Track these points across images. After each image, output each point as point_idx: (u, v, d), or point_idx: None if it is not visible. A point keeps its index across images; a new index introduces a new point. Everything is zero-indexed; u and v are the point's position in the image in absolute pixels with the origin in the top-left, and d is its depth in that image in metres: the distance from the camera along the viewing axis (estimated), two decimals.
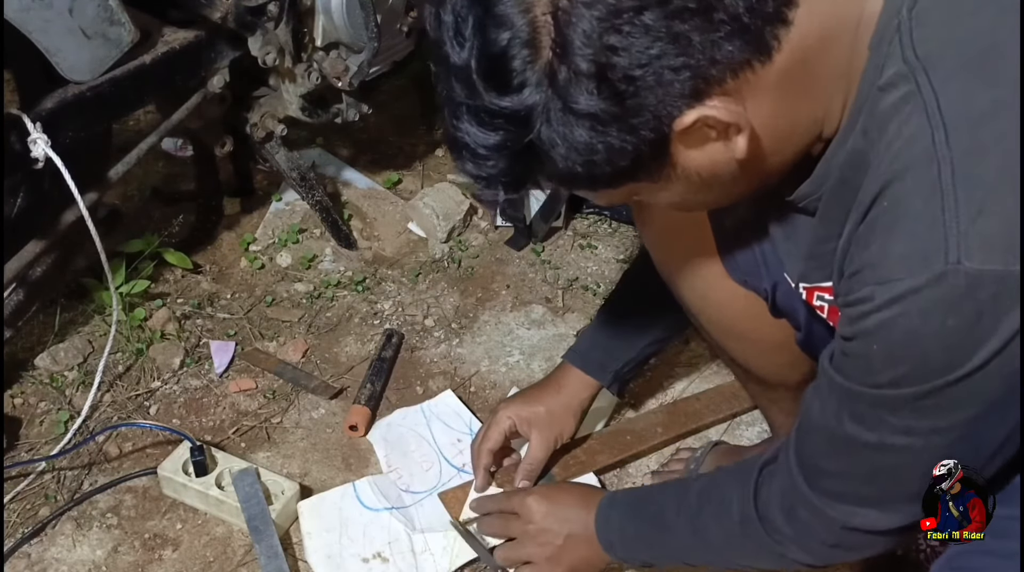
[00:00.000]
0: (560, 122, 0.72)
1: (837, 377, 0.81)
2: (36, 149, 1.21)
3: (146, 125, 1.92)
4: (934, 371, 0.73)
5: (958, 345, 0.71)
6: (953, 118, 0.69)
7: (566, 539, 1.18)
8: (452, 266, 1.80)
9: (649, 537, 1.10)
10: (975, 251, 0.67)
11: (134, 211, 1.87)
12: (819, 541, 0.92)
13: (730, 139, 0.75)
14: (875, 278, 0.73)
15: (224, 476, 1.32)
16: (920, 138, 0.70)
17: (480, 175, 0.78)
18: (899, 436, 0.79)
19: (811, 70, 0.75)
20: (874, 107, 0.74)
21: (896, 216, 0.72)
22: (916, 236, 0.70)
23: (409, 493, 1.35)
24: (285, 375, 1.55)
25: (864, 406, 0.80)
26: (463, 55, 0.72)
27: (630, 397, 1.53)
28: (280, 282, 1.74)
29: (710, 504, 1.03)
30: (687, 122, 0.72)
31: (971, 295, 0.68)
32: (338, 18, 1.55)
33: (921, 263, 0.69)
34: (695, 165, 0.77)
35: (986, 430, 0.77)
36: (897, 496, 0.85)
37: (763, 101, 0.75)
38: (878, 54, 0.74)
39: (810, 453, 0.89)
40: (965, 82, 0.71)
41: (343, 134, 2.05)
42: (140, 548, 1.29)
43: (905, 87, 0.72)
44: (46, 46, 1.24)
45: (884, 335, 0.73)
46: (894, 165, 0.72)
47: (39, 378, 1.51)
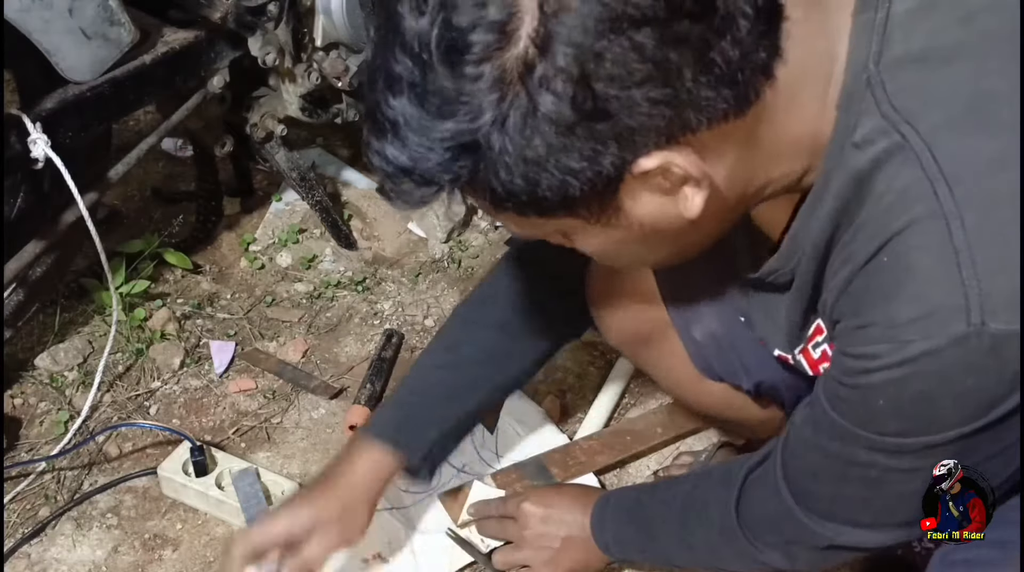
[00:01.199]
0: (518, 127, 0.63)
1: (832, 414, 0.78)
2: (36, 149, 1.21)
3: (146, 125, 1.92)
4: (947, 425, 0.71)
5: (976, 402, 0.69)
6: (953, 170, 0.65)
7: (563, 542, 1.18)
8: (452, 266, 1.80)
9: (640, 541, 1.11)
10: (1000, 311, 0.64)
11: (134, 211, 1.87)
12: (803, 549, 0.91)
13: (681, 195, 0.69)
14: (884, 337, 0.69)
15: (224, 476, 1.32)
16: (919, 192, 0.66)
17: (401, 164, 0.67)
18: (897, 474, 0.77)
19: (776, 132, 0.71)
20: (850, 166, 0.70)
21: (903, 274, 0.68)
22: (931, 297, 0.66)
23: (409, 493, 1.35)
24: (285, 375, 1.55)
25: (860, 447, 0.77)
26: (422, 23, 0.62)
27: (630, 397, 1.53)
28: (280, 282, 1.74)
29: (694, 509, 1.03)
30: (649, 165, 0.66)
31: (996, 355, 0.66)
32: (338, 18, 1.55)
33: (939, 325, 0.66)
34: (641, 213, 0.71)
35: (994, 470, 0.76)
36: (891, 521, 0.83)
37: (724, 159, 0.70)
38: (847, 114, 0.70)
39: (798, 473, 0.87)
40: (958, 132, 0.67)
41: (343, 134, 2.05)
42: (140, 548, 1.29)
43: (886, 141, 0.67)
44: (46, 46, 1.24)
45: (893, 392, 0.71)
46: (892, 220, 0.67)
47: (39, 378, 1.51)
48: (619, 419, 1.50)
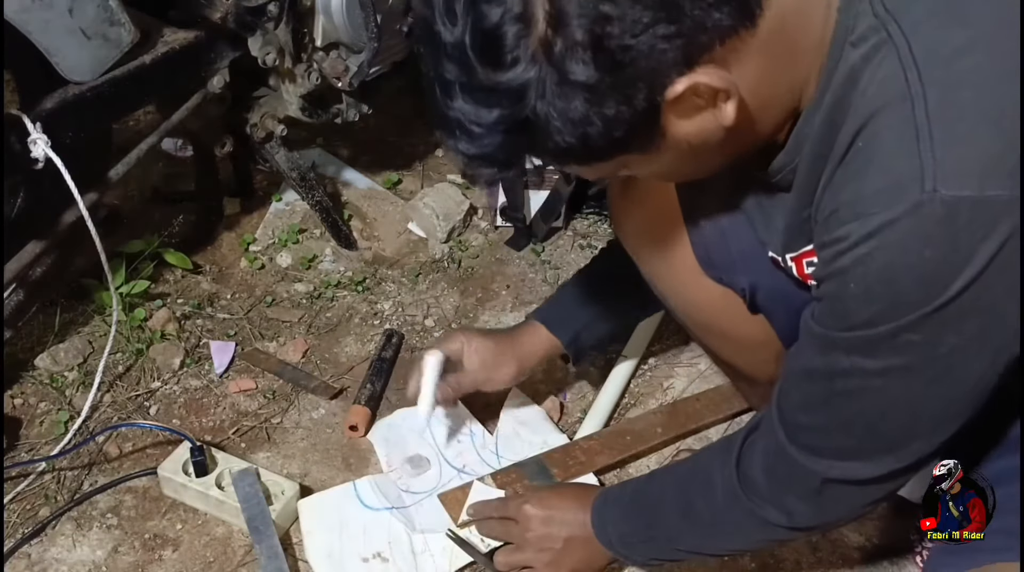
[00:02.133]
0: (556, 95, 0.73)
1: (814, 327, 0.83)
2: (36, 149, 1.21)
3: (146, 125, 1.92)
4: (910, 305, 0.74)
5: (934, 275, 0.72)
6: (924, 57, 0.71)
7: (565, 542, 1.17)
8: (452, 266, 1.80)
9: (642, 529, 1.10)
10: (951, 178, 0.69)
11: (134, 211, 1.87)
12: (799, 498, 0.93)
13: (718, 106, 0.76)
14: (851, 215, 0.74)
15: (224, 476, 1.32)
16: (893, 79, 0.72)
17: (475, 154, 0.78)
18: (875, 379, 0.80)
19: (789, 37, 0.77)
20: (845, 62, 0.76)
21: (870, 154, 0.73)
22: (891, 169, 0.71)
23: (409, 493, 1.35)
24: (285, 375, 1.55)
25: (840, 353, 0.81)
26: (456, 32, 0.72)
27: (630, 397, 1.54)
28: (280, 282, 1.74)
29: (695, 480, 1.04)
30: (679, 90, 0.73)
31: (948, 222, 0.69)
32: (338, 18, 1.55)
33: (897, 194, 0.71)
34: (684, 133, 0.78)
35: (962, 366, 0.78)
36: (876, 446, 0.86)
37: (747, 68, 0.76)
38: (847, 15, 0.76)
39: (790, 408, 0.90)
40: (934, 25, 0.72)
41: (343, 134, 2.05)
42: (140, 548, 1.29)
43: (875, 37, 0.74)
44: (46, 46, 1.24)
45: (860, 272, 0.74)
46: (868, 108, 0.73)
47: (39, 378, 1.51)
48: (619, 419, 1.50)
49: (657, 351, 1.61)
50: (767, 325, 1.13)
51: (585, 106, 0.73)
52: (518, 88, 0.72)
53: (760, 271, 1.06)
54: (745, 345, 1.20)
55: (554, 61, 0.71)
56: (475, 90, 0.74)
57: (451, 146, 0.79)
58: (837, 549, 1.30)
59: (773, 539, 1.02)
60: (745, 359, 1.25)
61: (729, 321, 1.16)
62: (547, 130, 0.75)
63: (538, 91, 0.72)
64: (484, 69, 0.72)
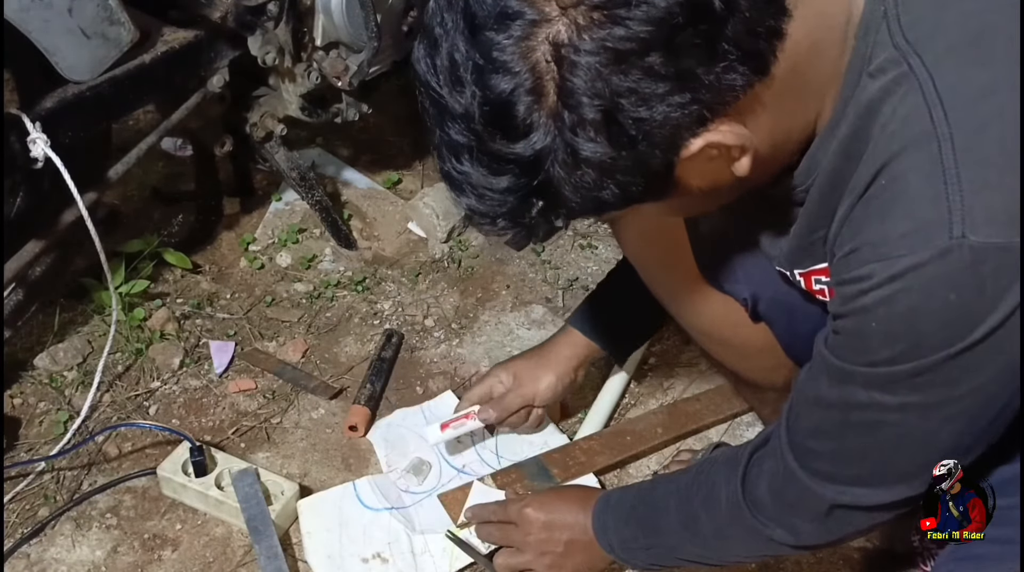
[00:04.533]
0: (569, 166, 0.71)
1: (830, 357, 0.82)
2: (36, 149, 1.21)
3: (146, 125, 1.91)
4: (932, 347, 0.73)
5: (959, 320, 0.71)
6: (950, 96, 0.70)
7: (566, 545, 1.17)
8: (452, 266, 1.80)
9: (644, 537, 1.10)
10: (980, 225, 0.68)
11: (134, 211, 1.86)
12: (806, 520, 0.92)
13: (733, 159, 0.75)
14: (875, 256, 0.72)
15: (224, 476, 1.32)
16: (917, 117, 0.70)
17: (485, 213, 0.76)
18: (892, 413, 0.79)
19: (803, 76, 0.76)
20: (864, 93, 0.75)
21: (895, 194, 0.72)
22: (918, 213, 0.70)
23: (409, 493, 1.35)
24: (285, 375, 1.55)
25: (857, 386, 0.80)
26: (463, 101, 0.70)
27: (630, 397, 1.53)
28: (280, 282, 1.74)
29: (699, 493, 1.04)
30: (693, 150, 0.72)
31: (975, 269, 0.68)
32: (338, 18, 1.54)
33: (924, 239, 0.70)
34: (698, 184, 0.78)
35: (980, 406, 0.77)
36: (888, 475, 0.85)
37: (762, 117, 0.75)
38: (864, 43, 0.75)
39: (801, 433, 0.90)
40: (959, 62, 0.71)
41: (343, 134, 2.04)
42: (139, 548, 1.29)
43: (896, 70, 0.72)
44: (46, 46, 1.23)
45: (883, 312, 0.73)
46: (891, 145, 0.72)
47: (38, 378, 1.51)
48: (619, 419, 1.50)
49: (657, 351, 1.61)
50: (769, 332, 1.13)
51: (598, 175, 0.72)
52: (531, 157, 0.71)
53: (762, 281, 1.05)
54: (747, 352, 1.20)
55: (565, 136, 0.69)
56: (486, 157, 0.72)
57: (459, 203, 0.77)
58: (837, 550, 1.30)
59: (777, 554, 1.02)
60: (747, 366, 1.25)
61: (731, 329, 1.15)
62: (560, 194, 0.74)
63: (551, 160, 0.71)
64: (495, 138, 0.71)
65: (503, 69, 0.68)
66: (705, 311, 1.16)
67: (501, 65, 0.68)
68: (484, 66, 0.69)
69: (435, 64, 0.72)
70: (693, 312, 1.18)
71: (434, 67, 0.72)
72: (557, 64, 0.67)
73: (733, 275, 1.08)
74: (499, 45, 0.68)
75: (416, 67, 0.74)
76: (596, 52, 0.66)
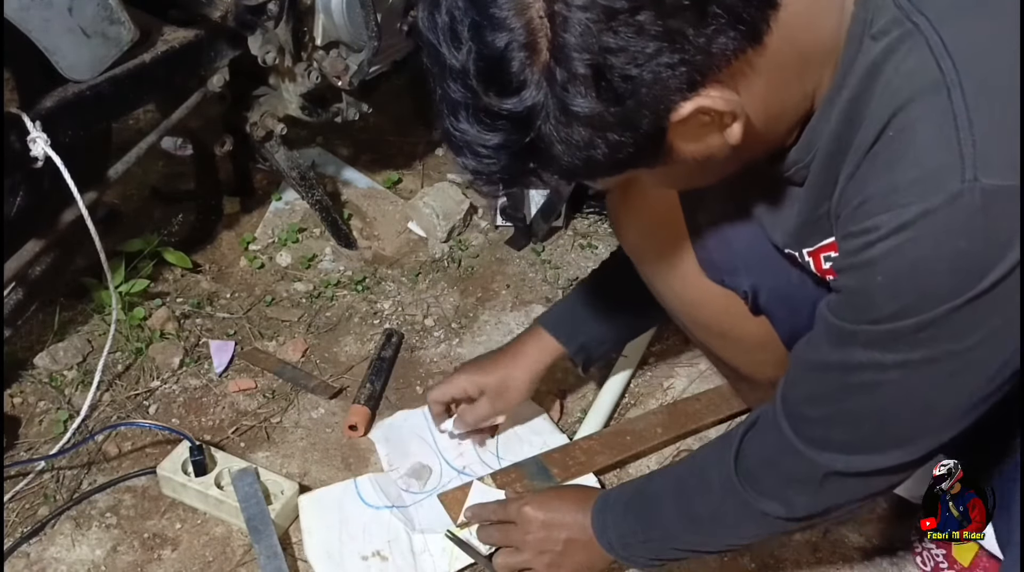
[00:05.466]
0: (560, 122, 0.72)
1: (831, 318, 0.81)
2: (36, 148, 1.21)
3: (146, 124, 1.91)
4: (939, 298, 0.72)
5: (967, 269, 0.71)
6: (958, 47, 0.70)
7: (565, 545, 1.17)
8: (452, 266, 1.80)
9: (642, 530, 1.10)
10: (992, 167, 0.68)
11: (134, 210, 1.86)
12: (799, 490, 0.92)
13: (725, 126, 0.76)
14: (883, 206, 0.72)
15: (223, 476, 1.32)
16: (924, 69, 0.70)
17: (481, 171, 0.78)
18: (892, 372, 0.79)
19: (800, 48, 0.76)
20: (865, 56, 0.75)
21: (904, 144, 0.72)
22: (929, 160, 0.70)
23: (409, 493, 1.35)
24: (285, 375, 1.55)
25: (858, 346, 0.80)
26: (460, 57, 0.72)
27: (630, 397, 1.53)
28: (280, 282, 1.74)
29: (692, 477, 1.04)
30: (684, 114, 0.73)
31: (987, 212, 0.68)
32: (338, 17, 1.54)
33: (935, 185, 0.69)
34: (691, 151, 0.78)
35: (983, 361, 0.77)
36: (885, 440, 0.85)
37: (755, 85, 0.75)
38: (865, 9, 0.75)
39: (797, 401, 0.90)
40: (963, 17, 0.72)
41: (343, 133, 2.05)
42: (139, 548, 1.29)
43: (899, 29, 0.72)
44: (46, 45, 1.23)
45: (890, 264, 0.73)
46: (896, 98, 0.72)
47: (38, 377, 1.51)
48: (619, 419, 1.50)
49: (657, 351, 1.61)
50: (768, 326, 1.13)
51: (589, 133, 0.73)
52: (523, 113, 0.72)
53: (763, 272, 1.05)
54: (746, 346, 1.19)
55: (556, 91, 0.71)
56: (480, 113, 0.74)
57: (457, 162, 0.79)
58: (837, 549, 1.30)
59: (771, 531, 1.01)
60: (745, 360, 1.25)
61: (730, 322, 1.15)
62: (552, 152, 0.75)
63: (543, 116, 0.72)
64: (488, 95, 0.72)
65: (499, 25, 0.70)
66: (705, 304, 1.15)
67: (497, 21, 0.70)
68: (480, 22, 0.70)
69: (436, 22, 0.73)
70: (693, 305, 1.18)
71: (435, 24, 0.73)
72: (550, 20, 0.69)
73: (734, 267, 1.08)
74: (495, 2, 0.69)
75: (419, 25, 0.75)
76: (588, 8, 0.67)
